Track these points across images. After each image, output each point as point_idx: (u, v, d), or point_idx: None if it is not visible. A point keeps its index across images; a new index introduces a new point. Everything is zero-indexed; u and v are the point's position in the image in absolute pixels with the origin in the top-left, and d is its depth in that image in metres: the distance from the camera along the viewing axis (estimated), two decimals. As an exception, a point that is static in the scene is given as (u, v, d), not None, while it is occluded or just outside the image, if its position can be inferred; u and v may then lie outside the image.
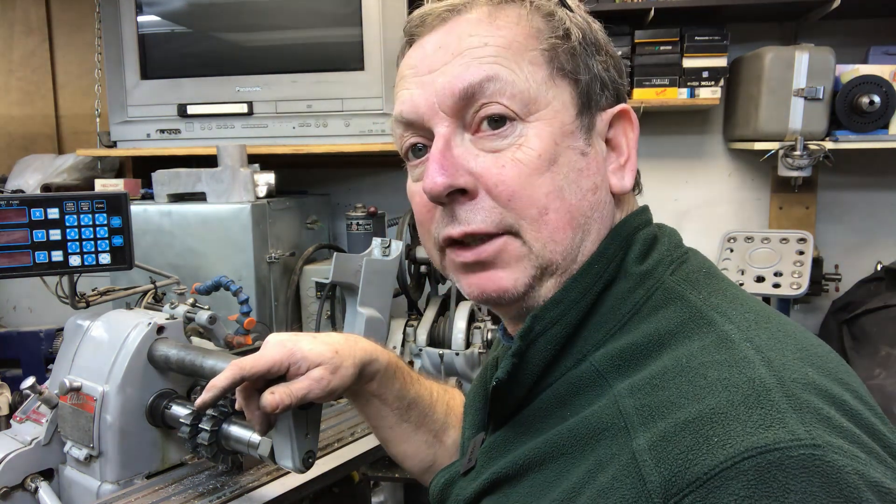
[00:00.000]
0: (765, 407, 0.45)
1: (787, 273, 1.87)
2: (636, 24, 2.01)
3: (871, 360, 1.76)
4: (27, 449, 1.18)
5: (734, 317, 0.55)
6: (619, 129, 0.65)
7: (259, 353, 0.76)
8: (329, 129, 2.03)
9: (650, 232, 0.65)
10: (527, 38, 0.61)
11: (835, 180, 2.18)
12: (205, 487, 1.07)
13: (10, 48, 2.65)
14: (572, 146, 0.61)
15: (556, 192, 0.60)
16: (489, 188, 0.60)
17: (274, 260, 1.85)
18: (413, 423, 0.88)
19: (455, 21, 0.63)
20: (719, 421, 0.45)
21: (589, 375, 0.58)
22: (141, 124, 2.15)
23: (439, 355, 1.74)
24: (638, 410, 0.51)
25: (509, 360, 0.61)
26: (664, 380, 0.51)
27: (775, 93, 1.88)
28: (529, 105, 0.60)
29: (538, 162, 0.59)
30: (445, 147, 0.61)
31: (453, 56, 0.61)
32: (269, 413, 0.74)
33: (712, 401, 0.47)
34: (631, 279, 0.61)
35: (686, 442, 0.46)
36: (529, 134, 0.60)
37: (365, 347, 0.83)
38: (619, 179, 0.64)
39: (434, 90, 0.61)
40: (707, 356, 0.51)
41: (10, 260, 1.19)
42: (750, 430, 0.44)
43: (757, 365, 0.49)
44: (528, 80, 0.60)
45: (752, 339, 0.52)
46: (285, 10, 2.03)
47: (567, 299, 0.60)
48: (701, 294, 0.58)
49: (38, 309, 2.23)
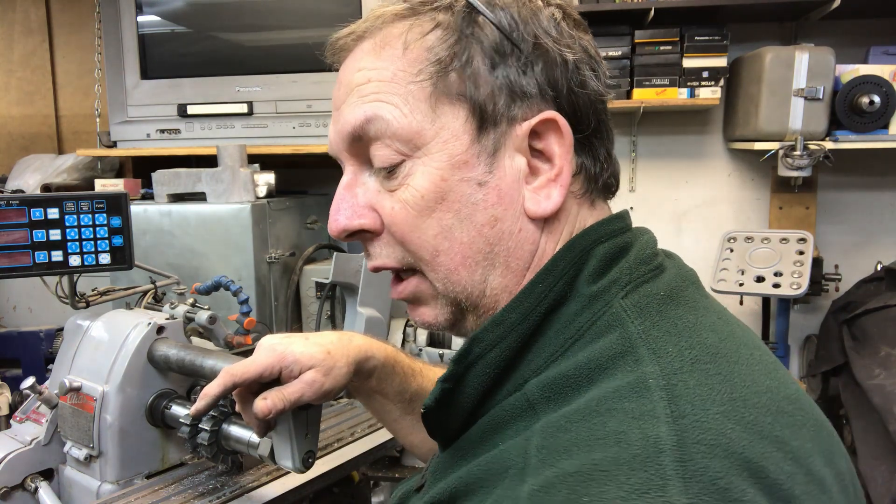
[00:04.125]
0: (648, 470, 0.41)
1: (787, 273, 1.87)
2: (636, 24, 2.01)
3: (871, 360, 1.75)
4: (27, 449, 1.18)
5: (667, 355, 0.49)
6: (551, 139, 0.57)
7: (250, 359, 0.76)
8: (329, 129, 2.02)
9: (616, 244, 0.58)
10: (411, 65, 0.56)
11: (835, 180, 2.18)
12: (205, 487, 1.07)
13: (10, 48, 2.65)
14: (465, 178, 0.56)
15: (444, 233, 0.56)
16: (387, 227, 0.59)
17: (274, 260, 1.85)
18: (417, 415, 0.88)
19: (354, 51, 0.60)
20: (597, 479, 0.42)
21: (521, 404, 0.54)
22: (141, 124, 2.15)
23: (439, 355, 1.74)
24: (538, 451, 0.47)
25: (439, 387, 0.57)
26: (571, 421, 0.47)
27: (775, 93, 1.88)
28: (414, 140, 0.56)
29: (423, 203, 0.56)
30: (347, 188, 0.60)
31: (347, 94, 0.59)
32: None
33: (599, 455, 0.43)
34: (580, 300, 0.55)
35: (559, 498, 0.42)
36: (416, 172, 0.56)
37: (359, 345, 0.82)
38: (540, 201, 0.57)
39: (337, 130, 0.61)
40: (616, 402, 0.46)
41: (10, 260, 1.19)
42: (623, 495, 0.40)
43: (661, 420, 0.44)
44: (411, 113, 0.56)
45: (672, 387, 0.46)
46: (285, 10, 2.03)
47: (508, 321, 0.56)
48: (644, 324, 0.52)
49: (38, 309, 2.23)
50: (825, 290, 2.06)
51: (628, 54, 2.00)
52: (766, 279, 1.89)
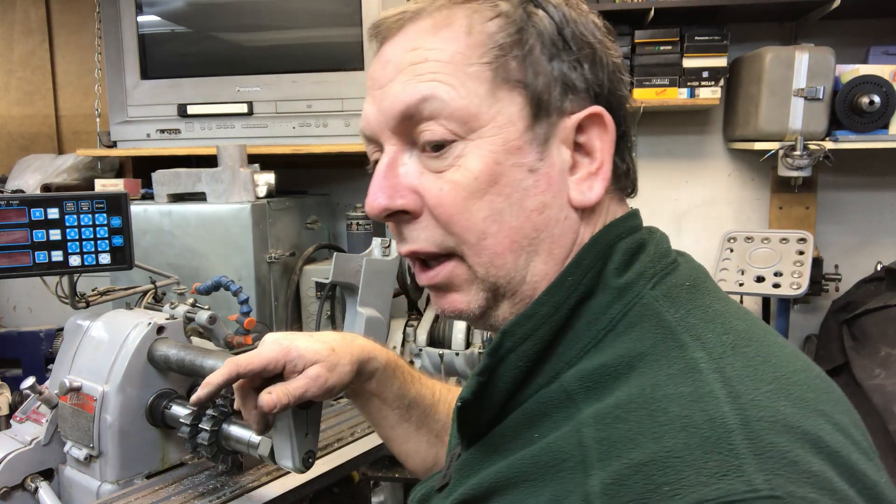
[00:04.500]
0: (722, 452, 0.42)
1: (787, 273, 1.87)
2: (636, 24, 2.01)
3: (871, 360, 1.75)
4: (27, 449, 1.18)
5: (708, 340, 0.51)
6: (593, 134, 0.60)
7: (255, 352, 0.76)
8: (329, 129, 2.03)
9: (635, 240, 0.60)
10: (472, 48, 0.57)
11: (835, 180, 2.18)
12: (205, 487, 1.07)
13: (10, 48, 2.65)
14: (518, 164, 0.57)
15: (494, 216, 0.57)
16: (430, 209, 0.58)
17: (274, 260, 1.85)
18: (414, 423, 0.88)
19: (405, 30, 0.60)
20: (673, 466, 0.43)
21: (558, 396, 0.55)
22: (141, 124, 2.15)
23: (439, 355, 1.74)
24: (598, 443, 0.48)
25: (474, 380, 0.58)
26: (626, 411, 0.48)
27: (775, 93, 1.88)
28: (470, 122, 0.57)
29: (475, 184, 0.56)
30: (389, 167, 0.60)
31: (398, 72, 0.58)
32: (267, 413, 0.74)
33: (669, 442, 0.44)
34: (609, 292, 0.57)
35: (638, 488, 0.43)
36: (469, 154, 0.57)
37: (363, 345, 0.83)
38: (584, 192, 0.59)
39: (382, 108, 0.60)
40: (671, 388, 0.48)
41: (10, 260, 1.19)
42: (703, 479, 0.41)
43: (721, 401, 0.45)
44: (468, 95, 0.56)
45: (722, 369, 0.48)
46: (285, 10, 2.03)
47: (538, 314, 0.57)
48: (678, 312, 0.54)
49: (38, 309, 2.23)
50: (825, 290, 2.06)
51: (628, 54, 2.00)
52: (766, 279, 1.89)
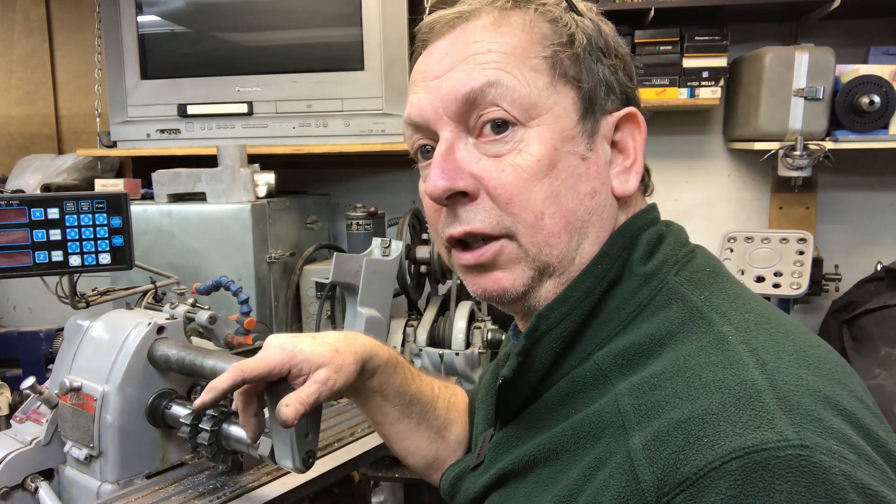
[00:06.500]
0: (755, 408, 0.47)
1: (787, 273, 1.87)
2: (636, 24, 2.01)
3: (871, 360, 1.76)
4: (27, 449, 1.18)
5: (733, 317, 0.56)
6: (627, 132, 0.66)
7: (260, 356, 0.76)
8: (329, 129, 2.03)
9: (656, 231, 0.66)
10: (530, 44, 0.62)
11: (835, 180, 2.18)
12: (205, 487, 1.07)
13: (10, 48, 2.65)
14: (573, 151, 0.62)
15: (552, 198, 0.61)
16: (489, 191, 0.62)
17: (274, 260, 1.85)
18: (414, 420, 0.88)
19: (462, 28, 0.64)
20: (710, 421, 0.47)
21: (592, 374, 0.60)
22: (141, 124, 2.15)
23: (439, 355, 1.74)
24: (635, 409, 0.52)
25: (514, 360, 0.63)
26: (661, 379, 0.53)
27: (775, 93, 1.88)
28: (530, 110, 0.61)
29: (537, 167, 0.61)
30: (448, 151, 0.63)
31: (458, 62, 0.63)
32: (262, 420, 0.77)
33: (705, 402, 0.48)
34: (636, 279, 0.62)
35: (678, 441, 0.47)
36: (530, 139, 0.61)
37: (364, 343, 0.83)
38: (623, 182, 0.66)
39: (439, 95, 0.63)
40: (703, 357, 0.52)
41: (10, 260, 1.19)
42: (739, 431, 0.45)
43: (750, 367, 0.50)
44: (529, 85, 0.61)
45: (748, 341, 0.53)
46: (285, 10, 2.03)
47: (571, 299, 0.62)
48: (703, 294, 0.59)
49: (38, 309, 2.23)
50: (825, 290, 2.06)
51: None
52: (766, 279, 1.89)
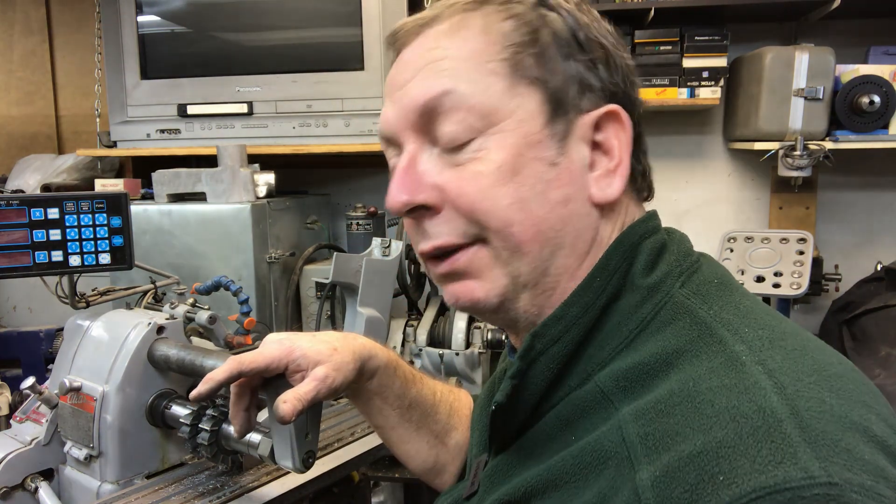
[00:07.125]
0: (775, 440, 0.42)
1: (787, 273, 1.87)
2: (636, 24, 2.01)
3: (871, 360, 1.75)
4: (27, 449, 1.18)
5: (746, 334, 0.51)
6: (611, 132, 0.61)
7: (258, 351, 0.76)
8: (329, 129, 2.03)
9: (657, 240, 0.62)
10: (489, 46, 0.59)
11: (835, 180, 2.18)
12: (205, 487, 1.07)
13: (10, 48, 2.65)
14: (539, 157, 0.58)
15: (518, 204, 0.57)
16: (452, 200, 0.59)
17: (274, 260, 1.85)
18: (414, 424, 0.87)
19: (424, 35, 0.62)
20: (725, 456, 0.42)
21: (594, 397, 0.55)
22: (141, 124, 2.15)
23: (439, 355, 1.74)
24: (642, 439, 0.48)
25: (508, 383, 0.59)
26: (669, 405, 0.48)
27: (775, 93, 1.88)
28: (490, 116, 0.58)
29: (498, 173, 0.57)
30: (409, 164, 0.61)
31: (417, 71, 0.60)
32: (251, 416, 0.77)
33: (719, 432, 0.44)
34: (638, 292, 0.57)
35: (690, 479, 0.43)
36: (490, 146, 0.58)
37: (363, 343, 0.83)
38: (603, 188, 0.60)
39: (402, 106, 0.61)
40: (715, 380, 0.48)
41: (10, 260, 1.19)
42: (758, 467, 0.41)
43: (768, 392, 0.45)
44: (487, 90, 0.58)
45: (764, 362, 0.48)
46: (285, 10, 2.03)
47: (569, 315, 0.58)
48: (711, 309, 0.55)
49: (38, 309, 2.23)
50: (825, 290, 2.06)
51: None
52: (766, 279, 1.89)
